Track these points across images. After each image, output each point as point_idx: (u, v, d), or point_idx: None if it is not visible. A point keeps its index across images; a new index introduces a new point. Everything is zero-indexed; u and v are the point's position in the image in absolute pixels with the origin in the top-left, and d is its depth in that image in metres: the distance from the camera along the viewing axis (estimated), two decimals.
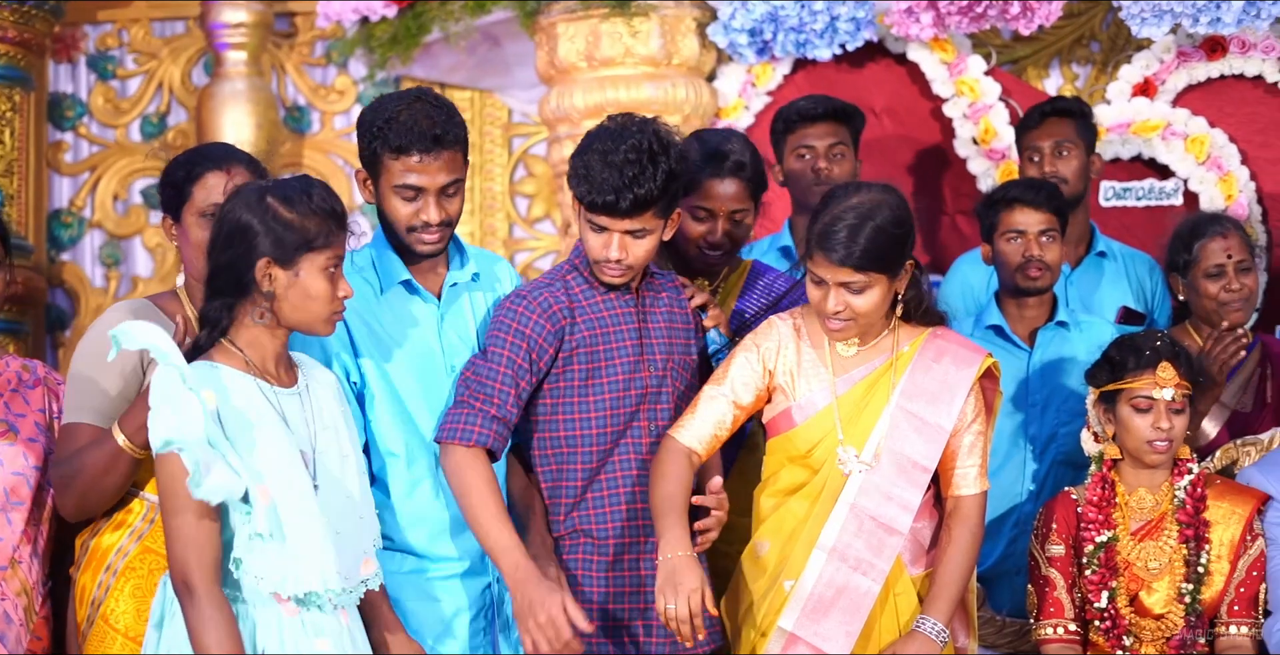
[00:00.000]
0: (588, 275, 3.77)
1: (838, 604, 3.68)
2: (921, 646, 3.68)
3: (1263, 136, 5.72)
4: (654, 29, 5.45)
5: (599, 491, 3.73)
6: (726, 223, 4.08)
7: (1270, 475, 4.12)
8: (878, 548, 3.69)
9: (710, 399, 3.77)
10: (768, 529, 3.78)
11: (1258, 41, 5.64)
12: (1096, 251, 5.10)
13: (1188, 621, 3.96)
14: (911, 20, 5.34)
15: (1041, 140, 5.06)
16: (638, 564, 3.74)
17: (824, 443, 3.73)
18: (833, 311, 3.66)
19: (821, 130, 4.98)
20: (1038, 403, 4.63)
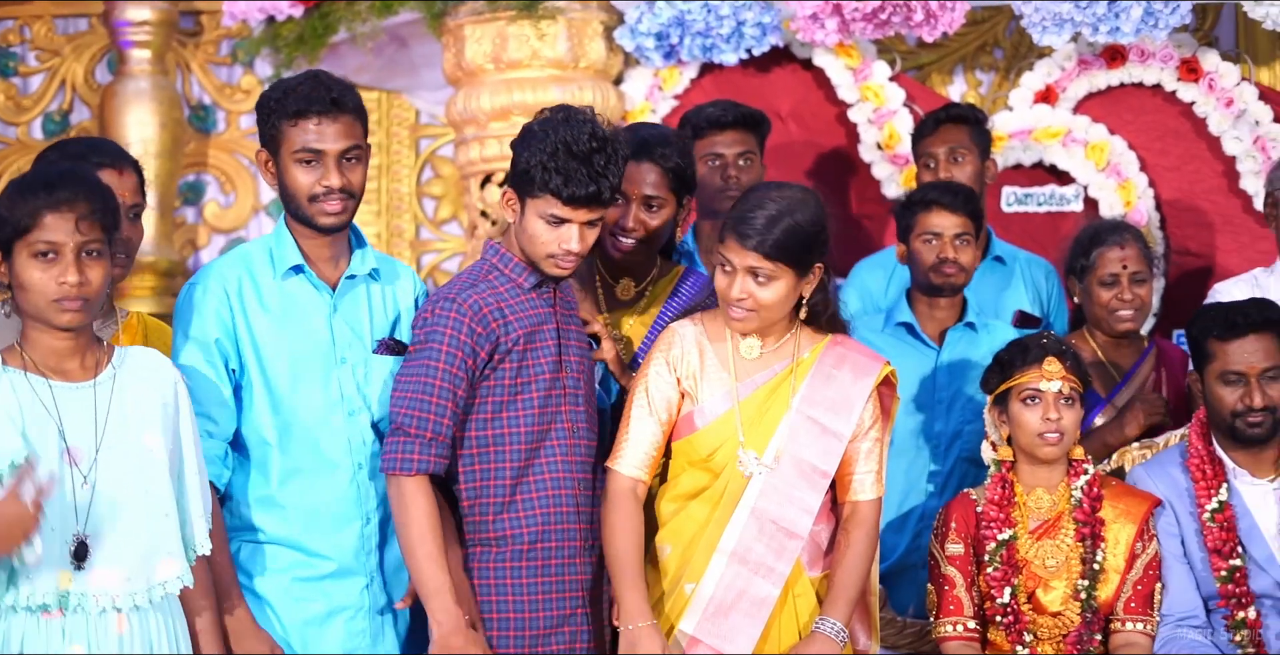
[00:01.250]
0: (509, 273, 3.73)
1: (738, 607, 3.71)
2: (822, 647, 3.72)
3: (1161, 144, 5.81)
4: (561, 32, 5.46)
5: (527, 494, 3.70)
6: (640, 209, 4.00)
7: (1157, 477, 4.20)
8: (778, 551, 3.73)
9: (639, 420, 3.79)
10: (669, 533, 3.80)
11: (1156, 51, 5.73)
12: (993, 256, 5.15)
13: (1084, 619, 4.02)
14: (816, 26, 5.38)
15: (936, 147, 5.12)
16: (564, 568, 3.72)
17: (725, 446, 3.76)
18: (736, 298, 3.69)
19: (730, 138, 4.99)
20: (943, 400, 4.68)
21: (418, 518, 3.61)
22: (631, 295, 4.10)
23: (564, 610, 3.70)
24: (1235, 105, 5.69)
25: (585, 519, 3.73)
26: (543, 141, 3.63)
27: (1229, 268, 5.51)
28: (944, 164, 5.10)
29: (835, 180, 5.85)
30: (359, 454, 3.74)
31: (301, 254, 3.74)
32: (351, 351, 3.75)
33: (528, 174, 3.65)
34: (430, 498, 3.63)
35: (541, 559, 3.68)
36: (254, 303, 3.71)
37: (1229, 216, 5.71)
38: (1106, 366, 4.69)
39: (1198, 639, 4.05)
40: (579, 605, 3.71)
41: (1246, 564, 4.08)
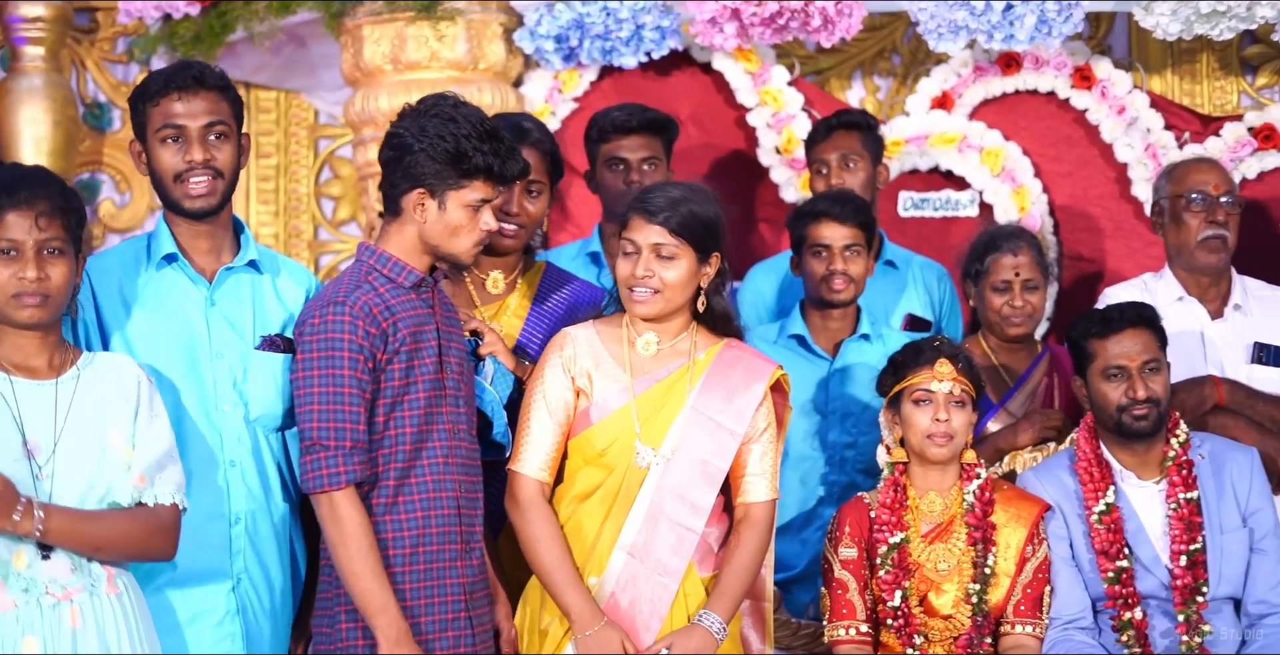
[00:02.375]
0: (388, 274, 3.71)
1: (638, 602, 3.75)
2: (700, 639, 3.74)
3: (1055, 150, 5.88)
4: (460, 33, 5.44)
5: (409, 496, 3.67)
6: (523, 194, 4.05)
7: (1046, 480, 4.26)
8: (675, 547, 3.76)
9: (538, 422, 3.81)
10: (569, 531, 3.81)
11: (1050, 58, 5.80)
12: (884, 260, 5.19)
13: (974, 622, 4.07)
14: (715, 30, 5.40)
15: (828, 153, 5.15)
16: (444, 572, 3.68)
17: (621, 441, 3.78)
18: (641, 277, 3.74)
19: (635, 142, 5.00)
20: (837, 411, 4.71)
21: (352, 533, 3.56)
22: (502, 289, 4.13)
23: (445, 615, 3.66)
24: (1127, 113, 5.77)
25: (466, 522, 3.71)
26: (454, 130, 3.62)
27: (1120, 273, 5.57)
28: (836, 170, 5.13)
29: (734, 184, 5.86)
30: (232, 451, 3.69)
31: (177, 245, 3.70)
32: (228, 346, 3.70)
33: (453, 165, 3.62)
34: (361, 511, 3.57)
35: (424, 563, 3.65)
36: (126, 295, 3.67)
37: (1120, 222, 5.79)
38: (1000, 371, 4.75)
39: (1085, 640, 4.11)
40: (461, 609, 3.68)
41: (1133, 565, 4.15)
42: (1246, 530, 4.19)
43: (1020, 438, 4.55)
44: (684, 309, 3.84)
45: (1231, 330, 4.77)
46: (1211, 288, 4.80)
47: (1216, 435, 4.39)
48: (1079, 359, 4.29)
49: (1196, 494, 4.17)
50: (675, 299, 3.79)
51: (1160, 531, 4.18)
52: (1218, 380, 4.60)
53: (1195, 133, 5.79)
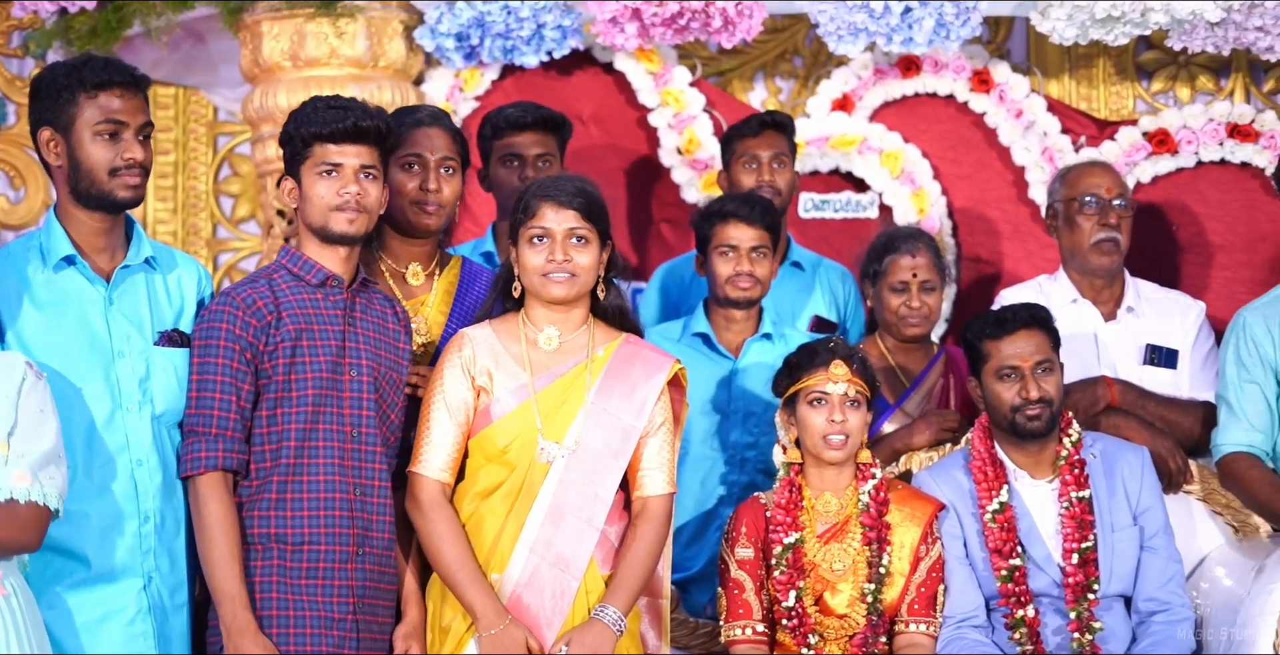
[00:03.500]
0: (296, 271, 3.77)
1: (541, 598, 3.76)
2: (598, 633, 3.75)
3: (954, 153, 5.93)
4: (360, 31, 5.40)
5: (298, 494, 3.68)
6: (437, 172, 4.08)
7: (941, 480, 4.30)
8: (578, 541, 3.78)
9: (438, 423, 3.82)
10: (471, 530, 3.81)
11: (949, 62, 5.85)
12: (791, 262, 5.21)
13: (869, 621, 4.09)
14: (616, 30, 5.39)
15: (761, 149, 5.14)
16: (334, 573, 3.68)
17: (523, 437, 3.80)
18: (560, 261, 3.79)
19: (530, 138, 4.99)
20: (739, 411, 4.72)
21: (209, 520, 3.61)
22: (421, 281, 4.14)
23: (331, 614, 3.66)
24: (1025, 117, 5.83)
25: (360, 524, 3.71)
26: (295, 112, 3.80)
27: (1018, 274, 5.62)
28: (767, 167, 5.12)
29: (636, 184, 5.88)
30: (139, 449, 3.67)
31: (74, 245, 3.68)
32: (130, 345, 3.69)
33: (293, 140, 3.76)
34: (223, 499, 3.62)
35: (308, 561, 3.66)
36: (23, 297, 3.64)
37: (1018, 225, 5.84)
38: (896, 372, 4.78)
39: (978, 638, 4.15)
40: (348, 611, 3.68)
41: (1025, 563, 4.19)
42: (1137, 528, 4.24)
43: (916, 438, 4.58)
44: (585, 299, 3.90)
45: (1124, 332, 4.83)
46: (1105, 290, 4.86)
47: (1108, 435, 4.45)
48: (973, 360, 4.33)
49: (1088, 493, 4.22)
50: (589, 282, 3.86)
51: (1053, 530, 4.23)
52: (1110, 381, 4.66)
53: (1091, 137, 5.86)
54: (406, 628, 3.82)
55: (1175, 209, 5.81)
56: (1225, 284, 5.72)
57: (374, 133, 3.77)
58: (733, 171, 5.18)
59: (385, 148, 3.83)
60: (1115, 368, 4.76)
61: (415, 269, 4.13)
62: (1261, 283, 5.30)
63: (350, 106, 3.78)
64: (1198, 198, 5.83)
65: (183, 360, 3.73)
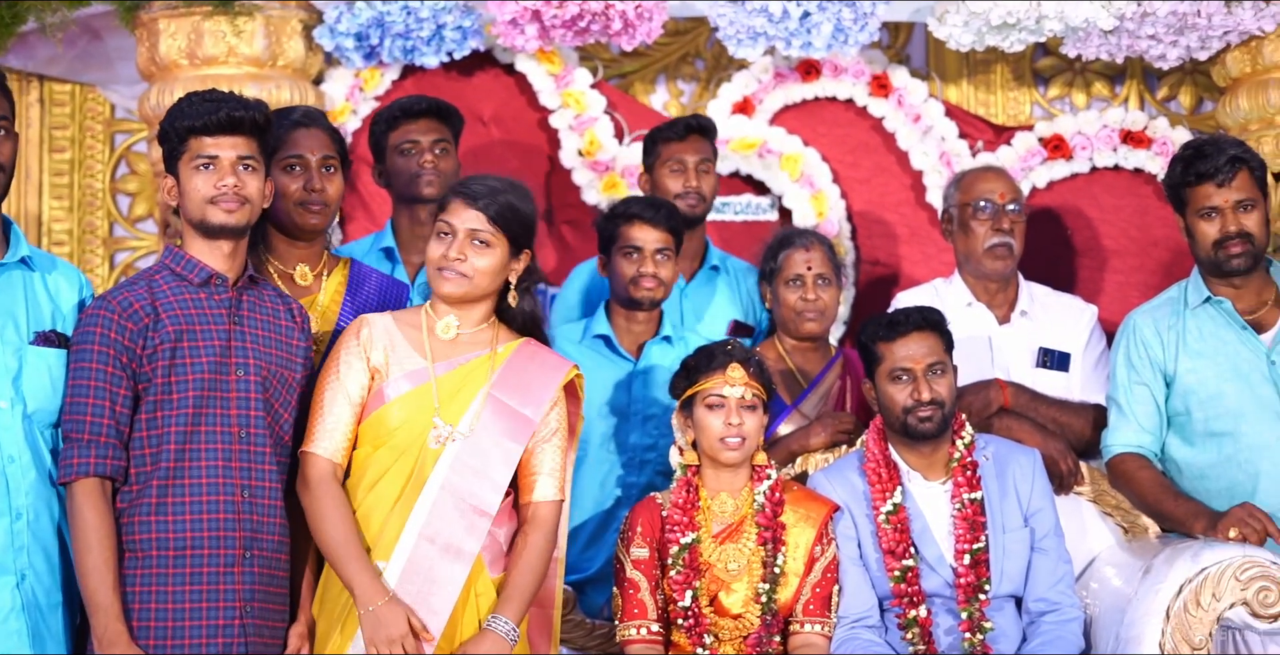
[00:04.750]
0: (180, 271, 3.75)
1: (428, 586, 3.74)
2: (493, 644, 3.75)
3: (853, 157, 5.97)
4: (259, 29, 5.36)
5: (179, 498, 3.64)
6: (319, 172, 4.11)
7: (836, 481, 4.33)
8: (467, 529, 3.77)
9: (331, 404, 3.81)
10: (360, 517, 3.79)
11: (849, 66, 5.89)
12: (710, 265, 5.24)
13: (764, 621, 4.12)
14: (517, 31, 5.38)
15: (686, 154, 5.17)
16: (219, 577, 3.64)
17: (417, 418, 3.80)
18: (453, 258, 3.80)
19: (424, 126, 4.98)
20: (638, 413, 4.74)
21: (83, 528, 3.58)
22: (310, 281, 4.15)
23: (216, 621, 3.63)
24: (923, 121, 5.89)
25: (248, 527, 3.68)
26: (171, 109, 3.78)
27: (915, 277, 5.68)
28: (693, 172, 5.15)
29: (536, 185, 5.83)
30: (10, 446, 3.64)
31: None
32: (4, 343, 3.67)
33: (169, 136, 3.74)
34: (99, 507, 3.58)
35: (191, 567, 3.62)
36: None
37: (915, 228, 5.90)
38: (794, 374, 4.81)
39: (872, 638, 4.18)
40: (236, 616, 3.65)
41: (918, 564, 4.23)
42: (1028, 530, 4.29)
43: (812, 440, 4.61)
44: (488, 299, 3.90)
45: (1018, 335, 4.88)
46: (999, 294, 4.91)
47: (1001, 437, 4.50)
48: (868, 362, 4.36)
49: (980, 494, 4.27)
50: (482, 285, 3.85)
51: (945, 531, 4.27)
52: (1003, 384, 4.71)
53: (988, 142, 5.93)
54: (301, 627, 3.80)
55: (1070, 214, 5.89)
56: (1118, 288, 5.81)
57: (250, 123, 3.75)
58: (657, 175, 5.20)
59: (264, 139, 3.81)
60: (1009, 370, 4.80)
61: (303, 270, 4.13)
62: (1153, 287, 5.38)
63: (224, 99, 3.76)
64: (1092, 203, 5.91)
65: (58, 361, 3.71)
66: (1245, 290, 4.56)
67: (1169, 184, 4.61)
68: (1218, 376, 4.52)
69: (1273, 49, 5.56)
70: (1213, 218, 4.49)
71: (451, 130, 5.05)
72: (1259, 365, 4.50)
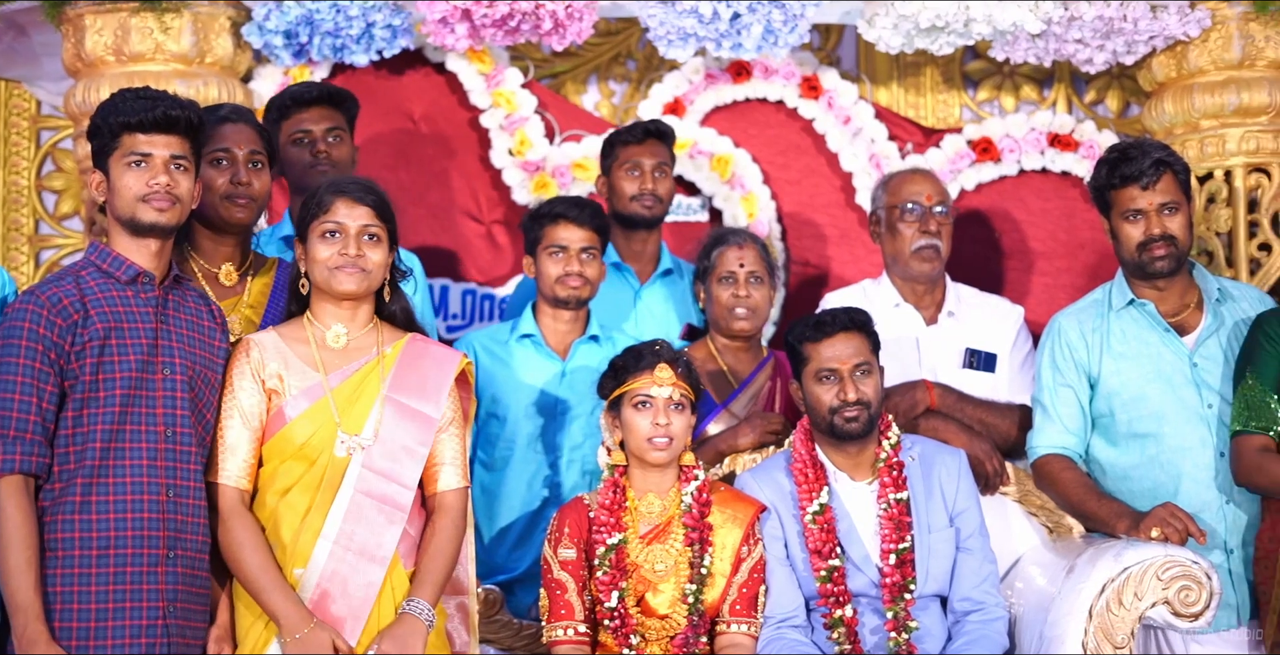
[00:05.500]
0: (106, 268, 3.73)
1: (346, 591, 3.75)
2: (409, 626, 3.78)
3: (783, 158, 5.99)
4: (186, 26, 5.31)
5: (104, 496, 3.62)
6: (246, 167, 4.14)
7: (763, 481, 4.34)
8: (381, 531, 3.79)
9: (232, 430, 3.81)
10: (270, 528, 3.80)
11: (780, 68, 5.91)
12: (664, 269, 5.25)
13: (690, 621, 4.12)
14: (447, 30, 5.37)
15: (644, 157, 5.18)
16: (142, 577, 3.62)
17: (321, 432, 3.81)
18: (354, 256, 3.84)
19: (317, 114, 4.93)
20: (566, 412, 4.74)
21: (4, 526, 3.55)
22: (235, 280, 4.15)
23: (139, 621, 3.61)
24: (853, 123, 5.91)
25: (172, 526, 3.67)
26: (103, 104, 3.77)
27: (845, 278, 5.70)
28: (649, 176, 5.17)
29: (468, 186, 5.86)
30: None
31: None
32: None
33: (101, 132, 3.73)
34: (21, 505, 3.55)
35: (114, 566, 3.60)
36: None
37: (845, 230, 5.92)
38: (725, 374, 4.82)
39: (798, 638, 4.19)
40: (158, 616, 3.63)
41: (845, 564, 4.24)
42: (953, 530, 4.32)
43: (741, 440, 4.62)
44: (372, 299, 3.94)
45: (945, 336, 4.91)
46: (927, 295, 4.94)
47: (927, 438, 4.52)
48: (795, 363, 4.38)
49: (906, 494, 4.29)
50: (378, 280, 3.90)
51: (871, 531, 4.29)
52: (930, 384, 4.73)
53: (917, 144, 5.96)
54: (219, 631, 3.79)
55: (998, 216, 5.93)
56: (1046, 290, 5.86)
57: (184, 123, 3.74)
58: (614, 177, 5.21)
59: (196, 140, 3.81)
60: (936, 371, 4.83)
61: (228, 269, 4.13)
62: (1080, 288, 5.42)
63: (159, 97, 3.75)
64: (1019, 205, 5.95)
65: None
66: (1169, 293, 4.61)
67: (1094, 186, 4.65)
68: (1141, 378, 4.56)
69: (1197, 54, 5.63)
70: (1137, 220, 4.53)
71: (346, 117, 4.99)
72: (1181, 367, 4.54)
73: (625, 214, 5.13)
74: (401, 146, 5.76)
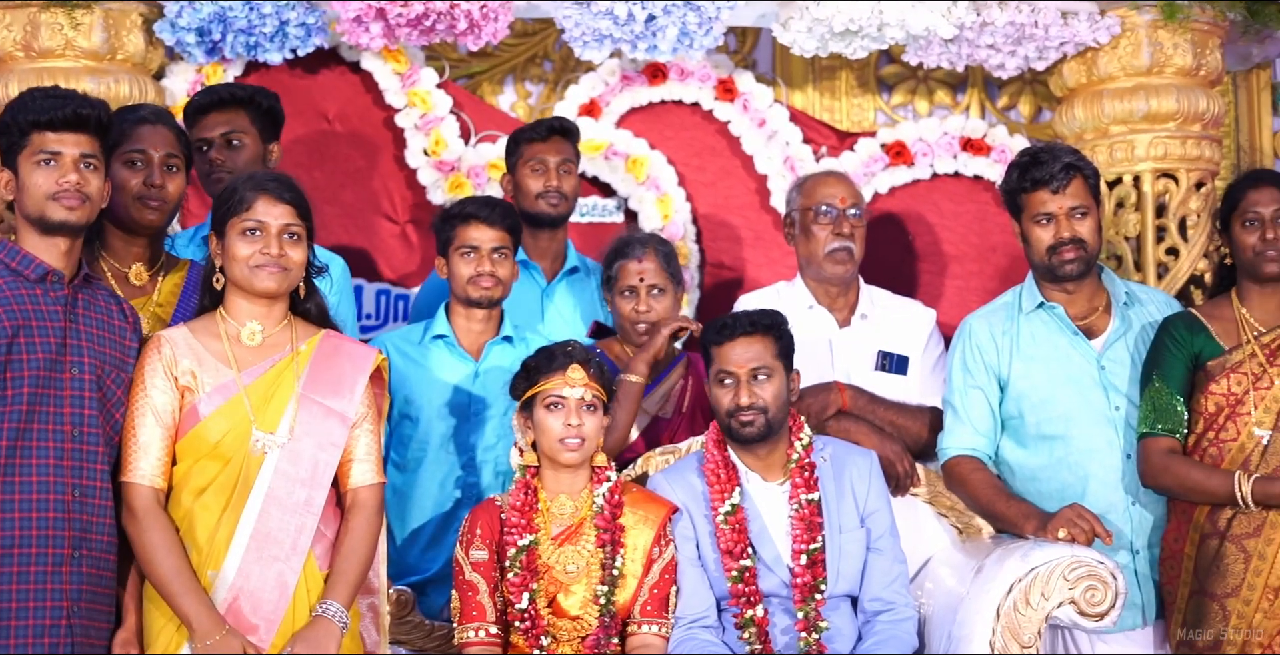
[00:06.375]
0: (15, 267, 3.70)
1: (260, 593, 3.73)
2: (323, 629, 3.76)
3: (699, 160, 6.01)
4: (97, 22, 5.26)
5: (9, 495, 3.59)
6: (161, 169, 4.13)
7: (675, 482, 4.35)
8: (296, 532, 3.78)
9: (145, 428, 3.78)
10: (186, 530, 3.77)
11: (695, 70, 5.93)
12: (571, 267, 5.25)
13: (602, 622, 4.12)
14: (361, 29, 5.34)
15: (549, 155, 5.17)
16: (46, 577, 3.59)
17: (235, 430, 3.79)
18: (276, 255, 3.83)
19: (214, 120, 4.85)
20: (479, 412, 4.73)
21: None
22: (145, 281, 4.14)
23: (43, 621, 3.58)
24: (768, 126, 5.94)
25: (77, 526, 3.65)
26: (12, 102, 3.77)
27: (759, 281, 5.73)
28: (554, 173, 5.16)
29: (382, 185, 5.84)
30: None
31: None
32: None
33: (10, 130, 3.70)
34: None
35: (18, 565, 3.57)
36: None
37: (760, 232, 5.95)
38: None
39: (709, 639, 4.21)
40: (62, 616, 3.60)
41: (756, 564, 4.26)
42: (864, 530, 4.34)
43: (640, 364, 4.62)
44: (287, 296, 3.93)
45: (858, 338, 4.93)
46: (840, 297, 4.96)
47: (839, 439, 4.55)
48: (707, 364, 4.39)
49: (817, 495, 4.31)
50: (297, 278, 3.90)
51: (783, 531, 4.31)
52: (842, 386, 4.76)
53: (832, 147, 6.00)
54: (125, 633, 3.76)
55: (911, 219, 5.98)
56: (958, 292, 5.91)
57: (94, 122, 3.72)
58: (519, 175, 5.20)
59: (106, 139, 3.78)
60: (848, 373, 4.85)
61: (138, 269, 4.11)
62: (992, 292, 5.46)
63: (70, 95, 3.74)
64: (932, 208, 6.00)
65: None
66: (1078, 296, 4.66)
67: (1006, 190, 4.69)
68: (1050, 381, 4.61)
69: (1107, 61, 5.70)
70: (1047, 224, 4.58)
71: (253, 115, 4.89)
72: (1090, 370, 4.59)
73: (530, 212, 5.11)
74: (316, 145, 5.73)
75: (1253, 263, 4.48)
